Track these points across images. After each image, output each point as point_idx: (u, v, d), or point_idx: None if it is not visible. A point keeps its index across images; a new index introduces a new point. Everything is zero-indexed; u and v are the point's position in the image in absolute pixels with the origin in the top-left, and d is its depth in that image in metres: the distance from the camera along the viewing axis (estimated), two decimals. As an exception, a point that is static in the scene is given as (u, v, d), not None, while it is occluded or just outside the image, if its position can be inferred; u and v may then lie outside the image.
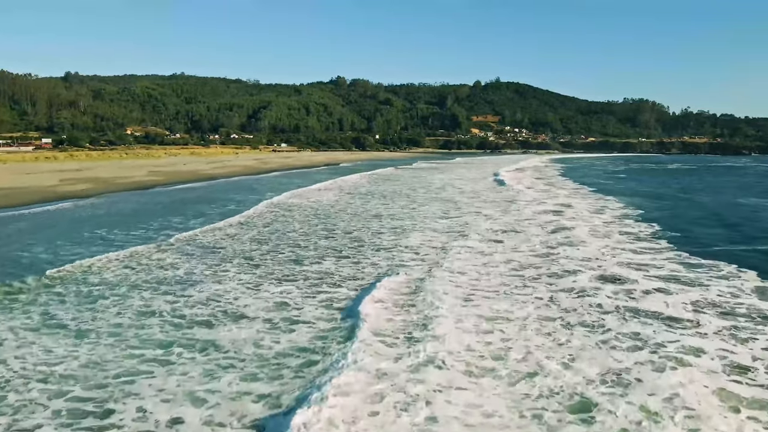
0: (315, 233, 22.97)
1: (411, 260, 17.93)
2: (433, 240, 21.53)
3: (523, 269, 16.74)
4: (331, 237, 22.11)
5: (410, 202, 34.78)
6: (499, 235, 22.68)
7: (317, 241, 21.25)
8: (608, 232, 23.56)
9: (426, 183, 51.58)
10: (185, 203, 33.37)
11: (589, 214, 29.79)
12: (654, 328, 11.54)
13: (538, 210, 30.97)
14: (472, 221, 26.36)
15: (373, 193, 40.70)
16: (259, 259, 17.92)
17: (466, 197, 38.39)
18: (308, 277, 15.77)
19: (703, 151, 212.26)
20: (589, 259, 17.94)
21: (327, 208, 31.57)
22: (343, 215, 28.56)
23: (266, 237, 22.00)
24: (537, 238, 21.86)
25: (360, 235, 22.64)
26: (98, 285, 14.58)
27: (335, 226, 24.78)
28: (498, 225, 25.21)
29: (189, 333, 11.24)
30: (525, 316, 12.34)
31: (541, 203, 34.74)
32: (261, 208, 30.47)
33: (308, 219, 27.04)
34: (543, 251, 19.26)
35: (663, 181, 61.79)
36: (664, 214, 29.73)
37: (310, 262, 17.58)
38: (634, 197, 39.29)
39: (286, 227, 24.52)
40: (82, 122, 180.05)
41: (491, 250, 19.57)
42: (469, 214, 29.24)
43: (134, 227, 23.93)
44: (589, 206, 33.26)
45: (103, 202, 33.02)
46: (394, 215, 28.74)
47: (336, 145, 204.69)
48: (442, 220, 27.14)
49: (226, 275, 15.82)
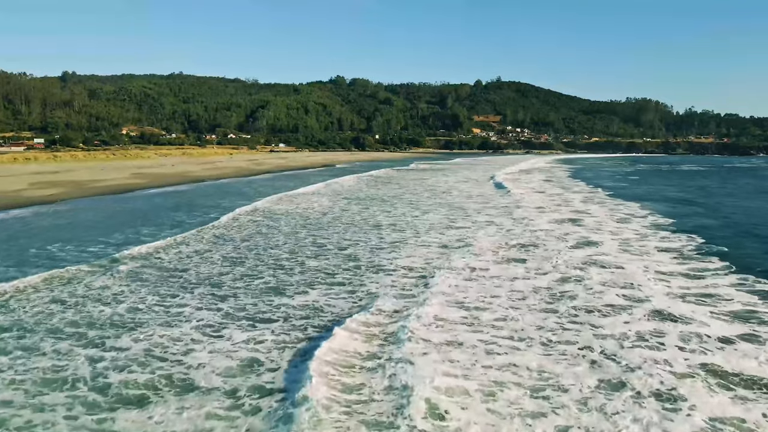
0: (303, 249, 19.63)
1: (412, 286, 14.59)
2: (440, 257, 18.18)
3: (554, 302, 13.38)
4: (321, 255, 18.77)
5: (413, 209, 31.43)
6: (515, 251, 19.33)
7: (305, 260, 17.92)
8: (644, 247, 20.20)
9: (429, 186, 48.23)
10: (161, 210, 30.03)
11: (614, 223, 26.46)
12: (763, 409, 8.18)
13: (554, 218, 27.66)
14: (482, 233, 22.99)
15: (371, 198, 37.36)
16: (229, 287, 14.57)
17: (474, 203, 35.01)
18: (289, 315, 12.42)
19: (710, 151, 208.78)
20: (630, 286, 14.61)
21: (319, 216, 28.23)
22: (336, 225, 25.22)
23: (243, 255, 18.64)
24: (559, 255, 18.54)
25: (356, 252, 19.29)
26: (5, 330, 11.20)
27: (327, 240, 21.44)
28: (511, 237, 21.85)
29: (107, 422, 7.84)
30: (572, 386, 8.98)
31: (556, 210, 31.44)
32: (244, 217, 27.12)
33: (296, 230, 23.69)
34: (571, 274, 15.94)
35: (680, 183, 58.39)
36: (701, 224, 26.36)
37: (294, 291, 14.25)
38: (658, 202, 35.94)
39: (269, 241, 21.16)
40: (77, 122, 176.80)
41: (508, 273, 16.21)
42: (478, 224, 25.88)
43: (93, 241, 20.57)
44: (611, 213, 29.93)
45: (69, 209, 29.63)
46: (395, 225, 25.41)
47: (335, 145, 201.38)
48: (450, 231, 23.80)
49: (182, 313, 12.46)
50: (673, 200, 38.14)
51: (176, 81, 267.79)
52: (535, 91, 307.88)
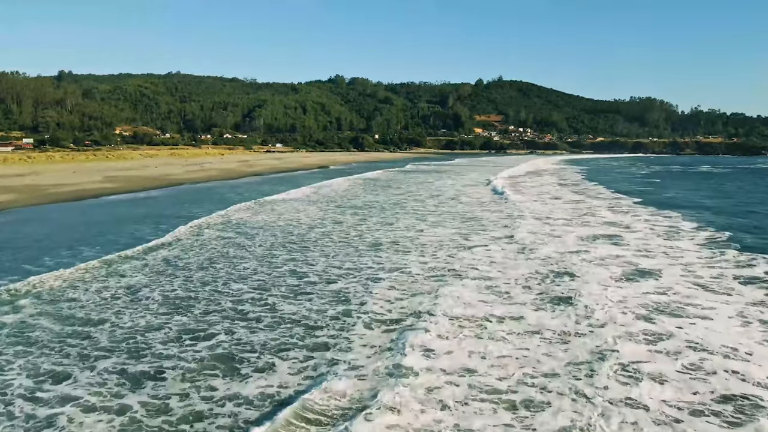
0: (277, 283, 14.97)
1: (422, 353, 9.95)
2: (467, 300, 13.48)
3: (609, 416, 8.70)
4: (302, 293, 14.10)
5: (418, 220, 26.71)
6: (550, 284, 14.65)
7: (277, 302, 13.26)
8: (721, 279, 15.46)
9: (434, 190, 43.49)
10: (122, 222, 25.34)
11: (662, 240, 21.78)
12: None
13: (585, 234, 22.90)
14: (504, 258, 18.30)
15: (369, 206, 32.64)
16: (154, 357, 9.89)
17: (484, 210, 30.26)
18: (239, 418, 7.81)
19: (719, 151, 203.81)
20: (735, 353, 9.99)
21: (305, 230, 23.57)
22: (324, 244, 20.54)
23: (192, 294, 13.94)
24: (609, 292, 13.92)
25: (348, 286, 14.64)
26: None
27: (311, 268, 16.79)
28: (540, 264, 17.10)
29: None
30: None
31: (584, 222, 26.63)
32: (211, 231, 22.46)
33: (273, 252, 19.01)
34: (640, 328, 11.30)
35: (707, 187, 53.56)
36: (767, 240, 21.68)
37: (254, 366, 9.57)
38: (700, 211, 31.23)
39: (234, 269, 16.47)
40: (68, 121, 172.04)
41: (549, 332, 11.53)
42: (496, 241, 21.17)
43: (11, 268, 15.90)
44: (650, 226, 25.19)
45: (9, 221, 24.97)
46: (398, 243, 20.73)
47: (333, 146, 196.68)
48: (464, 252, 19.10)
49: (55, 421, 7.76)
50: (714, 209, 33.33)
51: (173, 80, 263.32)
52: (537, 90, 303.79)
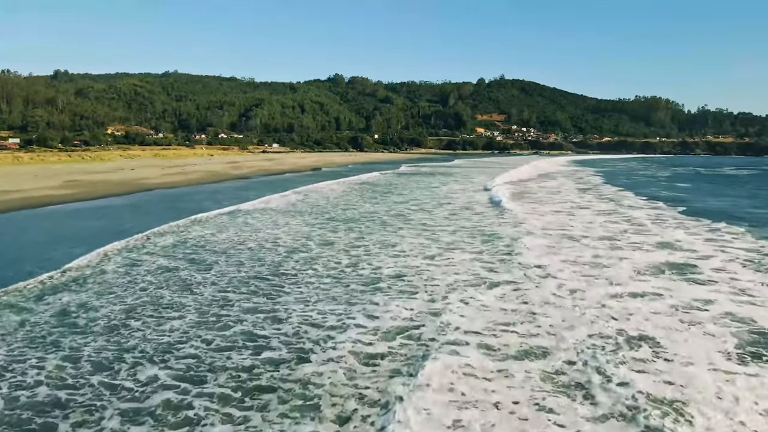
0: (218, 363, 9.48)
1: None
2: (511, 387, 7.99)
3: None
4: (254, 389, 8.62)
5: (429, 240, 21.02)
6: (626, 369, 9.14)
7: (204, 416, 7.76)
8: None
9: (443, 196, 37.95)
10: (58, 242, 19.79)
11: (740, 268, 16.44)
12: None
13: (648, 262, 17.29)
14: (537, 297, 12.79)
15: (369, 218, 27.05)
16: None
17: (499, 224, 24.59)
18: None
19: (731, 151, 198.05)
20: None
21: (282, 257, 18.01)
22: (303, 282, 14.99)
23: (56, 412, 8.44)
24: (732, 389, 8.48)
25: (327, 369, 9.11)
26: None
27: (278, 328, 11.30)
28: (602, 324, 11.63)
29: None
30: None
31: (635, 245, 20.75)
32: (151, 259, 16.92)
33: (227, 296, 13.47)
34: None
35: (746, 191, 48.10)
36: None
37: None
38: (758, 224, 25.74)
39: (152, 333, 10.92)
40: (59, 121, 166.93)
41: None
42: (529, 269, 15.61)
43: None
44: (718, 247, 19.61)
45: None
46: (404, 277, 15.21)
47: (332, 146, 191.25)
48: (490, 291, 13.61)
49: None
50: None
51: (170, 79, 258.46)
52: (540, 89, 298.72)
